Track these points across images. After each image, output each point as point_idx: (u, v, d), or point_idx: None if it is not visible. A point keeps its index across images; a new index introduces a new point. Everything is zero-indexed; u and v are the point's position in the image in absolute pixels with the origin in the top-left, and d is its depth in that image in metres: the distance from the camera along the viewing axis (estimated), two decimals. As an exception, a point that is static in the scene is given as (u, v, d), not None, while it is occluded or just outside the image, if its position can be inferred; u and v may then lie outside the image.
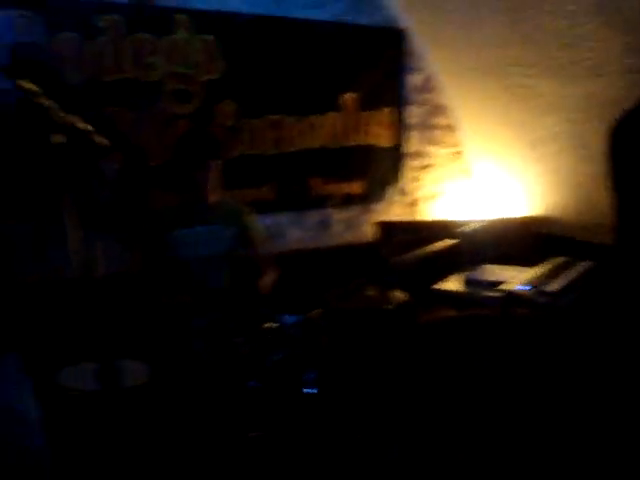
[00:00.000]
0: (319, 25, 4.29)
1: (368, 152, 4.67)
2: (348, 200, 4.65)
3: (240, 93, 4.02)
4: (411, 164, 4.94)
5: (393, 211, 4.89)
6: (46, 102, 1.13)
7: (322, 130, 4.40)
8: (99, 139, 1.07)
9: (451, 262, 3.71)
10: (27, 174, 3.14)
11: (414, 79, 4.83)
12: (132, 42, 3.61)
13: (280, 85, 4.19)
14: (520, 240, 4.39)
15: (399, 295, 3.40)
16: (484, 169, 5.07)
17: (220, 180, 3.48)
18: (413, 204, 5.00)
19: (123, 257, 3.65)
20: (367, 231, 4.76)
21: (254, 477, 2.71)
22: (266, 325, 2.90)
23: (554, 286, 3.26)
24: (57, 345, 3.16)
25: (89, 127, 1.09)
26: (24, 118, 3.18)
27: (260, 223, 3.80)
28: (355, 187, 4.65)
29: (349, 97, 4.49)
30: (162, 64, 3.72)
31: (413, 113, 4.87)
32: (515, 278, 3.42)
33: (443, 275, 3.82)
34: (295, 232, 4.48)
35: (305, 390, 2.86)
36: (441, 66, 4.80)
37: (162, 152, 3.75)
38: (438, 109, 4.99)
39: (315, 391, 2.87)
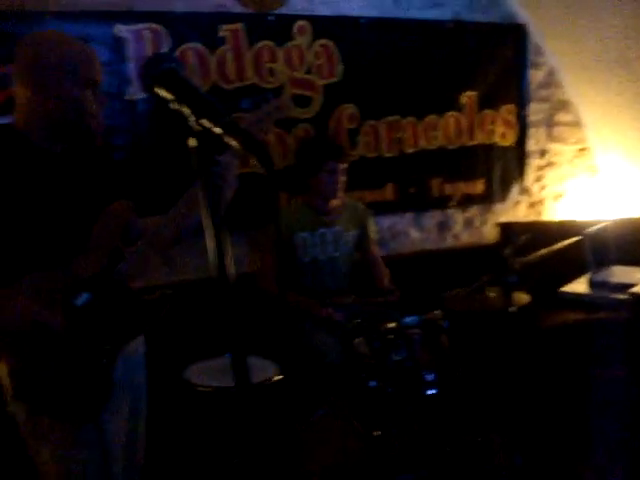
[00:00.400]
0: (437, 24, 4.27)
1: (489, 151, 4.59)
2: (468, 200, 4.59)
3: (359, 96, 4.06)
4: (534, 162, 4.82)
5: (515, 211, 4.79)
6: (181, 108, 1.19)
7: (441, 130, 4.36)
8: (232, 142, 1.12)
9: (576, 264, 3.59)
10: (163, 174, 3.33)
11: (535, 75, 4.72)
12: (253, 50, 3.72)
13: (398, 86, 4.19)
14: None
15: (521, 297, 3.32)
16: (611, 165, 4.87)
17: (343, 182, 3.52)
18: (536, 204, 4.88)
19: (249, 257, 3.76)
20: (488, 232, 4.69)
21: (377, 475, 2.73)
22: (386, 325, 2.90)
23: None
24: (184, 342, 3.29)
25: (221, 131, 1.15)
26: (160, 123, 3.36)
27: (375, 225, 3.82)
28: (476, 187, 4.58)
29: (468, 96, 4.43)
30: (282, 70, 3.81)
31: (535, 110, 4.76)
32: (646, 280, 3.27)
33: (567, 277, 3.70)
34: (414, 233, 4.46)
35: (426, 391, 2.85)
36: (564, 60, 4.66)
37: (284, 156, 3.84)
38: (561, 105, 4.84)
39: (435, 392, 2.85)
